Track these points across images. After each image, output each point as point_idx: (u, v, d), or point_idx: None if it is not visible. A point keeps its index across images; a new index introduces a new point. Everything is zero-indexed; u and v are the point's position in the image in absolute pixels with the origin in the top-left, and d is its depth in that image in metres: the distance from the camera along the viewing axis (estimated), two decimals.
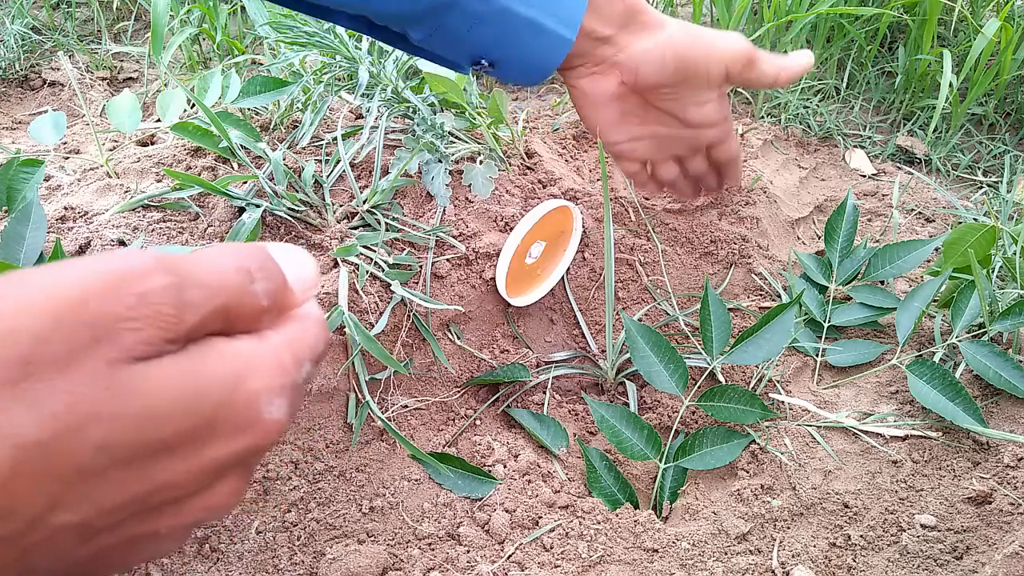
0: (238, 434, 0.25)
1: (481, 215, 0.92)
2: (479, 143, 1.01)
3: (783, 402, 0.83)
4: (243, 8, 1.35)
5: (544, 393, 0.86)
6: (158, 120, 1.06)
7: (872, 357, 0.88)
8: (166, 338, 0.24)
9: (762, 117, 1.35)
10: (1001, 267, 0.94)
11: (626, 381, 0.88)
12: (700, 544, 0.69)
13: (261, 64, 1.24)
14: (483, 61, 0.62)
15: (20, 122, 1.28)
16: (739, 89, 1.40)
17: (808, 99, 1.39)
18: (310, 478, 0.70)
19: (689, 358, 0.86)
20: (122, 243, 0.77)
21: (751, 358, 0.80)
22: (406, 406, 0.79)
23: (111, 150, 0.98)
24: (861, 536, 0.69)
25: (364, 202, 0.90)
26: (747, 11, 1.34)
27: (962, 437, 0.76)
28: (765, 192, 1.12)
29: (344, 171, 0.92)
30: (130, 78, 1.41)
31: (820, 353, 0.89)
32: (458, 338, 0.88)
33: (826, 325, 0.92)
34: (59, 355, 0.21)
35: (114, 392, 0.22)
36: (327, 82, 1.00)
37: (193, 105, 0.99)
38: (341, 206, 0.90)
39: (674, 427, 0.81)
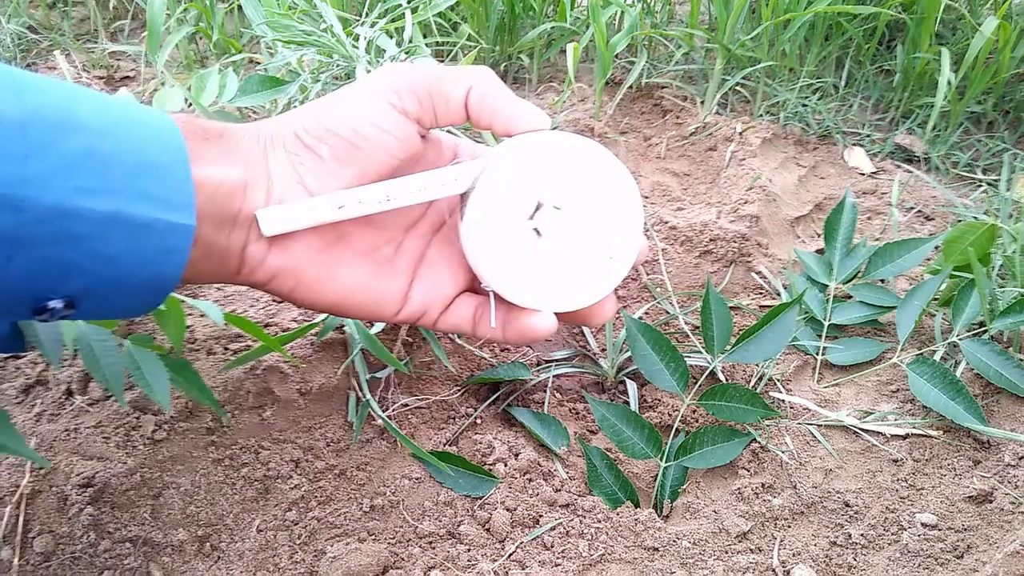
0: None
1: None
2: (478, 142, 1.00)
3: (784, 401, 0.83)
4: (240, 7, 1.35)
5: (545, 392, 0.85)
6: None
7: (873, 356, 0.88)
8: None
9: (761, 115, 1.35)
10: (1001, 265, 0.94)
11: (627, 380, 0.88)
12: (701, 543, 0.69)
13: (258, 63, 1.24)
14: (52, 304, 0.35)
15: None
16: (737, 88, 1.40)
17: (807, 97, 1.39)
18: (310, 477, 0.70)
19: (689, 357, 0.86)
20: None
21: (752, 357, 0.80)
22: (406, 405, 0.79)
23: None
24: (862, 535, 0.69)
25: None
26: (745, 10, 1.34)
27: (963, 436, 0.76)
28: (764, 190, 1.12)
29: None
30: (127, 77, 1.41)
31: (821, 352, 0.89)
32: (458, 336, 0.87)
33: (826, 324, 0.92)
34: None
35: None
36: (324, 81, 0.99)
37: (190, 104, 0.99)
38: None
39: (675, 426, 0.81)
